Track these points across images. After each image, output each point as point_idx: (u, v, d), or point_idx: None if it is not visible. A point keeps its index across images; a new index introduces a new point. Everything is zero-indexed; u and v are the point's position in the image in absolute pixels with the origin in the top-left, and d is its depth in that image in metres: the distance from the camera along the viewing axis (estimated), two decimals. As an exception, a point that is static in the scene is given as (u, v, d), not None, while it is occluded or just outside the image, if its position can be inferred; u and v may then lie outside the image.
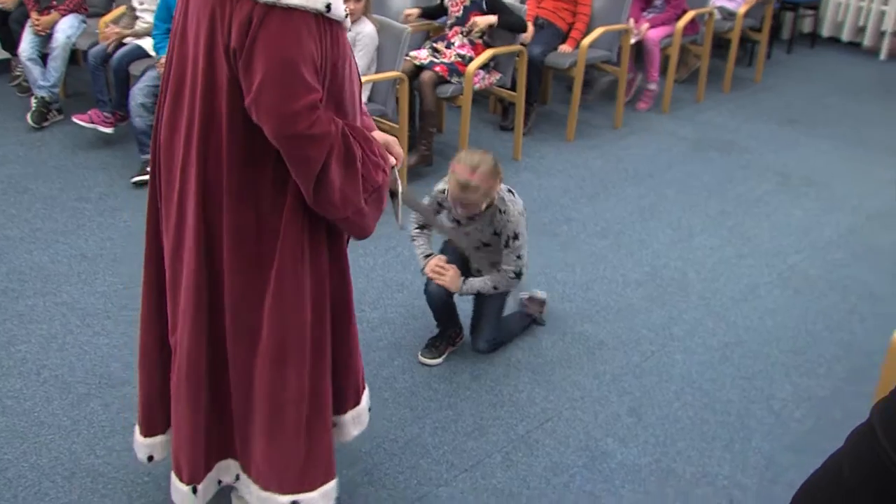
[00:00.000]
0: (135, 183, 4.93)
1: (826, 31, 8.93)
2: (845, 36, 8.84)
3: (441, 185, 3.40)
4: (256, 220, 2.12)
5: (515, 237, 3.33)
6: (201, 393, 2.30)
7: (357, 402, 2.62)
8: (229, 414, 2.36)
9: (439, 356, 3.56)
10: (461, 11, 5.35)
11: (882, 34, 8.55)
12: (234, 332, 2.24)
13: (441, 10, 5.60)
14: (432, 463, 3.03)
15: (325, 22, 1.94)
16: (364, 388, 2.69)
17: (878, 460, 0.93)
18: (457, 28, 5.37)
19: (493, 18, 5.24)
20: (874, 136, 6.51)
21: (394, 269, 4.24)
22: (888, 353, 2.76)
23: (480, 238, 3.42)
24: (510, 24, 5.30)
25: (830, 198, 5.36)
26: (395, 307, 3.93)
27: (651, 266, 4.41)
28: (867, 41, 8.69)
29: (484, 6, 5.30)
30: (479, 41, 5.33)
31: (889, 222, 5.07)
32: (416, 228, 3.52)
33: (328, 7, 1.91)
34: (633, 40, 6.27)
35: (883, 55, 8.55)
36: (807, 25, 8.86)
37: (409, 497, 2.88)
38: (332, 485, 2.44)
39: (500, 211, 3.31)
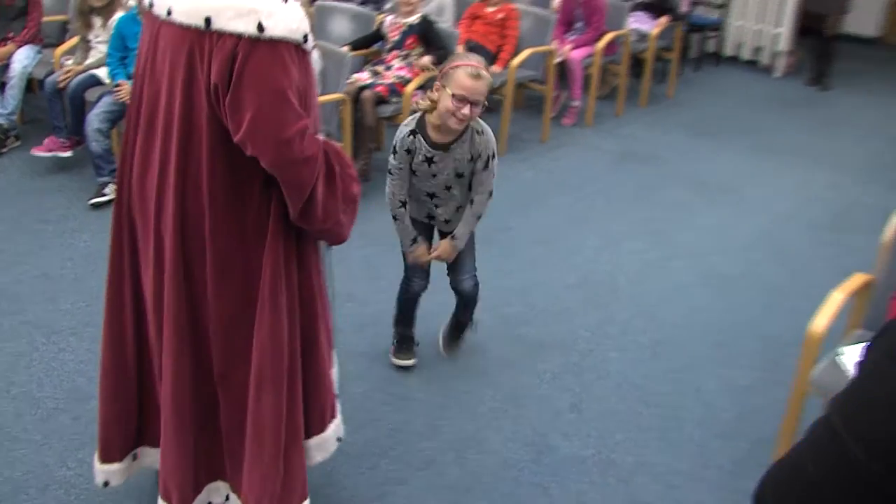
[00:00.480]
0: (92, 205, 4.79)
1: (728, 51, 9.10)
2: (745, 55, 9.02)
3: (405, 130, 3.07)
4: (242, 248, 2.05)
5: (494, 155, 3.11)
6: (187, 419, 2.20)
7: (322, 429, 2.48)
8: (219, 436, 2.27)
9: (414, 356, 3.51)
10: (399, 36, 5.33)
11: (776, 54, 8.73)
12: (227, 358, 2.15)
13: (376, 37, 5.55)
14: (389, 463, 2.98)
15: (300, 51, 1.90)
16: (333, 417, 2.55)
17: (840, 452, 0.92)
18: (395, 52, 5.34)
19: (428, 61, 5.25)
20: (776, 144, 6.63)
21: (342, 280, 4.14)
22: (804, 346, 2.79)
23: (455, 168, 3.09)
24: (440, 58, 5.32)
25: (743, 202, 5.44)
26: (346, 316, 3.85)
27: (584, 271, 4.41)
28: (764, 60, 8.87)
29: (420, 31, 5.28)
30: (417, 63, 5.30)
31: (795, 223, 5.16)
32: (400, 206, 3.17)
33: (305, 38, 1.88)
34: (557, 60, 6.30)
35: (778, 72, 8.73)
36: (711, 46, 9.00)
37: (368, 496, 2.83)
38: None
39: (477, 132, 3.07)
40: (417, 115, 3.08)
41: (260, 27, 1.80)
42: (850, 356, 1.89)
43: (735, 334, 3.89)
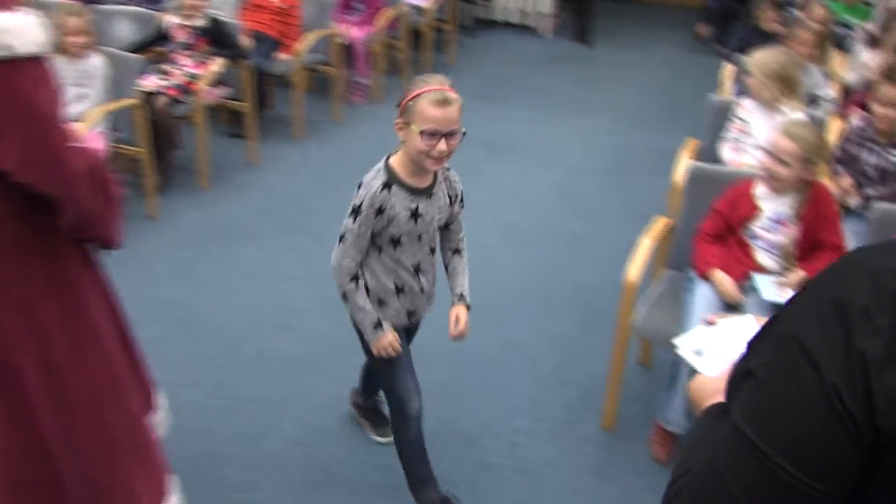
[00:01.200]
0: None
1: (499, 17, 9.15)
2: (514, 19, 9.11)
3: (375, 184, 2.32)
4: (53, 280, 1.77)
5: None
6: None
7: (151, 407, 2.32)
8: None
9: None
10: (186, 38, 4.89)
11: (541, 15, 8.88)
12: (58, 408, 1.84)
13: (158, 36, 5.08)
14: (238, 470, 2.74)
15: (47, 62, 1.62)
16: None
17: (760, 464, 0.80)
18: (184, 52, 4.91)
19: (221, 66, 4.93)
20: (553, 99, 6.74)
21: (160, 285, 3.82)
22: (622, 294, 2.77)
23: (438, 219, 2.44)
24: (231, 56, 5.00)
25: (532, 159, 5.45)
26: (169, 321, 3.53)
27: (397, 244, 4.25)
28: (531, 22, 9.00)
29: (209, 34, 4.90)
30: (207, 59, 4.92)
31: (582, 171, 5.24)
32: (352, 280, 2.38)
33: (49, 46, 1.60)
34: (341, 41, 6.07)
35: (546, 33, 8.88)
36: (482, 13, 9.02)
37: (222, 506, 2.59)
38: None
39: (445, 168, 2.43)
40: (380, 165, 2.37)
41: (9, 47, 1.50)
42: (684, 345, 1.85)
43: (546, 286, 3.87)
